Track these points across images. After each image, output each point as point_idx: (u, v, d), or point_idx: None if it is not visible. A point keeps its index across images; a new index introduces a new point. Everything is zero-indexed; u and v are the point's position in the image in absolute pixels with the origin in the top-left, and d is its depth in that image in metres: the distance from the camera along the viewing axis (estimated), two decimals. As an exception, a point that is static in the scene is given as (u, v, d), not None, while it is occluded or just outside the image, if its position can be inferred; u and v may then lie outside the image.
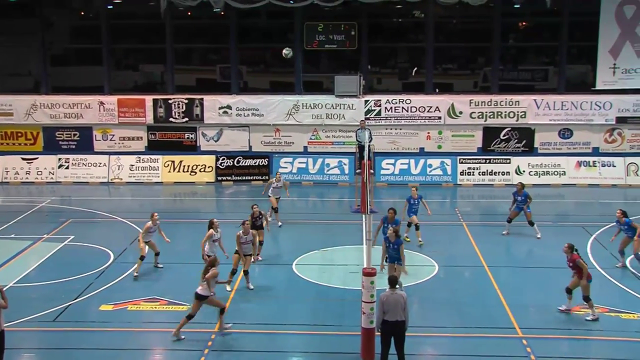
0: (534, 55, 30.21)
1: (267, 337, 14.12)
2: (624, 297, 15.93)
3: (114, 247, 19.14)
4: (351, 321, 14.33)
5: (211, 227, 17.08)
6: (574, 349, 13.81)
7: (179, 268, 18.10)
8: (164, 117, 28.44)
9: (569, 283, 15.08)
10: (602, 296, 15.62)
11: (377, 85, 29.69)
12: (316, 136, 28.28)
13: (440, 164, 27.67)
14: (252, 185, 27.76)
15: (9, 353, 12.42)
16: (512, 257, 18.92)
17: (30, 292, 16.29)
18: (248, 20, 29.03)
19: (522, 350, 13.39)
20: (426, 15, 28.49)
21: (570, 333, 14.20)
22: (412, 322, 14.56)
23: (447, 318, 14.97)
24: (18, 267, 18.09)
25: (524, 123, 27.74)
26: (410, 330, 13.83)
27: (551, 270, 17.69)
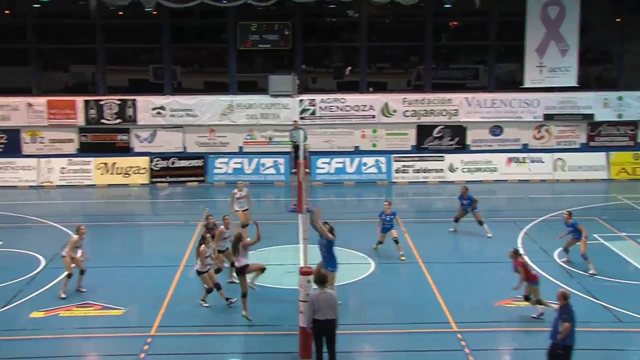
0: (465, 54, 30.83)
1: (204, 339, 14.01)
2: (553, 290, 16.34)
3: (45, 252, 18.65)
4: (289, 320, 14.36)
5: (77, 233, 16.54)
6: (506, 341, 14.16)
7: (112, 272, 17.77)
8: (95, 118, 27.89)
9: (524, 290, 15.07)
10: (532, 289, 16.05)
11: (312, 85, 29.80)
12: (251, 136, 28.21)
13: (375, 162, 27.94)
14: (187, 186, 27.48)
15: None
16: (447, 253, 19.22)
17: (-44, 301, 15.78)
18: (181, 20, 28.74)
19: (457, 344, 13.64)
20: (360, 15, 28.72)
21: (502, 326, 14.54)
22: (348, 319, 14.71)
23: (383, 315, 15.13)
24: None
25: (456, 121, 28.27)
26: (347, 328, 13.96)
27: (485, 265, 18.11)
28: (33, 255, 18.77)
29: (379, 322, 14.73)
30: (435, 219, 21.56)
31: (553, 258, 18.45)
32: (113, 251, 19.75)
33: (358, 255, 18.75)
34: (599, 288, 16.34)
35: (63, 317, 14.96)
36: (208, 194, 26.66)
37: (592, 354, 13.23)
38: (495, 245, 19.00)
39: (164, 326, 14.46)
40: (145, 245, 21.27)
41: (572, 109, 28.25)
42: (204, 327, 14.49)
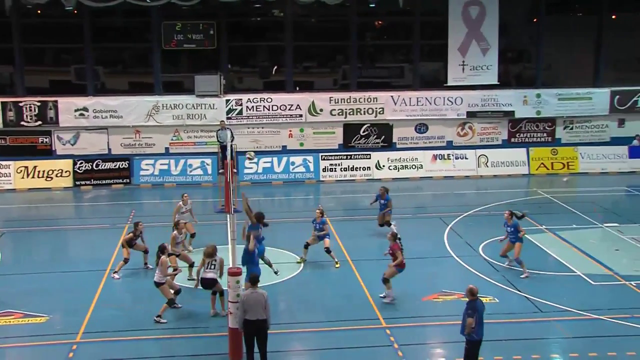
0: (390, 53, 31.23)
1: (131, 344, 13.79)
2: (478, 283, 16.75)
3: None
4: (218, 322, 14.30)
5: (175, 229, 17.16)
6: (434, 335, 14.44)
7: (35, 278, 17.29)
8: (14, 120, 27.04)
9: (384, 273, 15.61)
10: (457, 283, 16.43)
11: (238, 84, 29.67)
12: (177, 137, 27.88)
13: (303, 162, 28.01)
14: (112, 189, 26.94)
15: None
16: (375, 251, 19.42)
17: None
18: (103, 19, 28.15)
19: (386, 340, 13.86)
20: (285, 14, 28.75)
21: (430, 320, 14.84)
22: (279, 319, 14.74)
23: (313, 313, 15.23)
24: None
25: (382, 119, 28.63)
26: (277, 327, 13.98)
27: (411, 261, 18.28)
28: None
29: (309, 321, 14.81)
30: (363, 217, 21.75)
31: (478, 252, 18.91)
32: (35, 257, 19.21)
33: (287, 254, 18.78)
34: (521, 280, 16.83)
35: (-14, 326, 14.49)
36: (134, 196, 26.20)
37: (515, 344, 13.65)
38: (421, 242, 19.35)
39: (89, 332, 14.18)
40: (70, 250, 20.75)
41: (494, 106, 29.02)
42: (131, 331, 14.26)
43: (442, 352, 13.70)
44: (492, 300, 15.47)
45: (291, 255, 18.71)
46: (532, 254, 18.54)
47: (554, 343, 14.05)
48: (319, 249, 18.52)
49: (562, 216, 22.53)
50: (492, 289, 16.15)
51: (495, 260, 18.09)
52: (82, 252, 19.82)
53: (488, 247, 19.20)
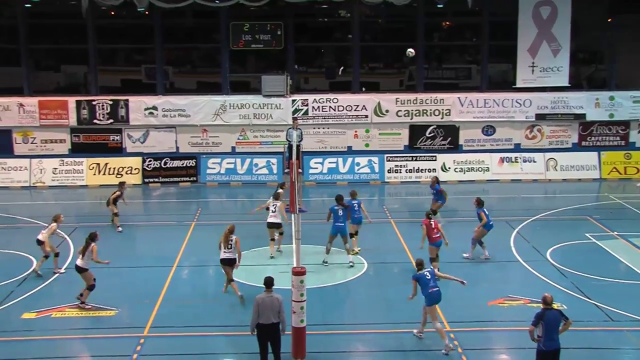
0: (457, 54, 30.89)
1: (197, 339, 13.99)
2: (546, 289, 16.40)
3: (37, 253, 18.53)
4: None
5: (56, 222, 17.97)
6: (499, 340, 14.18)
7: (105, 272, 17.70)
8: (87, 119, 27.81)
9: None
10: (524, 288, 16.13)
11: (304, 85, 29.82)
12: (244, 136, 28.18)
13: (368, 162, 27.95)
14: (180, 186, 27.44)
15: None
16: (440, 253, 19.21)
17: (-52, 302, 15.72)
18: (173, 20, 28.69)
19: (450, 344, 13.65)
20: (352, 15, 28.75)
21: (496, 325, 14.58)
22: (341, 319, 14.76)
23: (376, 314, 15.16)
24: None
25: (448, 121, 28.31)
26: (340, 328, 14.02)
27: (476, 265, 18.14)
28: (25, 257, 18.70)
29: (372, 322, 14.74)
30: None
31: (546, 257, 18.51)
32: (105, 252, 19.59)
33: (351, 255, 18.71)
34: (591, 287, 16.39)
35: (55, 318, 14.93)
36: (200, 194, 26.63)
37: (584, 353, 13.29)
38: (487, 245, 19.01)
39: (156, 327, 14.46)
40: (138, 246, 21.21)
41: (564, 109, 28.33)
42: (197, 327, 14.47)
43: (508, 358, 13.48)
44: (560, 307, 15.07)
45: (354, 256, 18.65)
46: (603, 261, 18.06)
47: (626, 354, 13.63)
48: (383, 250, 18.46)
49: (635, 222, 21.85)
50: (560, 296, 15.74)
51: (564, 266, 17.66)
52: (150, 248, 20.22)
53: (556, 252, 18.77)
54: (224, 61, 28.36)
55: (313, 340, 13.14)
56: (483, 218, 18.34)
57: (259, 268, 17.55)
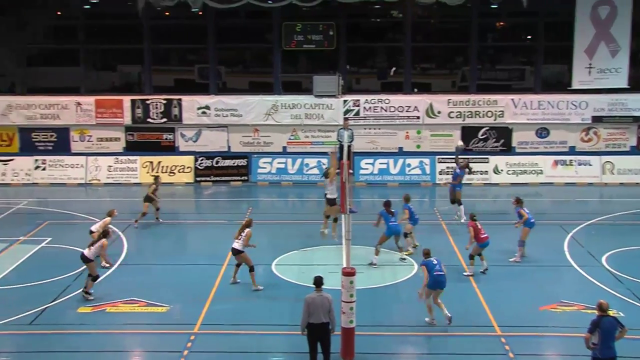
0: (511, 55, 30.46)
1: (246, 337, 14.08)
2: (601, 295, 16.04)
3: (92, 248, 18.91)
4: (331, 321, 14.37)
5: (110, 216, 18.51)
6: (551, 346, 13.93)
7: (157, 269, 18.02)
8: (142, 117, 28.28)
9: None
10: (578, 293, 15.81)
11: (356, 85, 29.77)
12: (295, 136, 28.28)
13: (419, 164, 27.78)
14: (231, 185, 27.69)
15: (-15, 356, 12.33)
16: (491, 255, 18.97)
17: (6, 295, 16.13)
18: (226, 20, 28.94)
19: (501, 348, 13.50)
20: (404, 15, 28.59)
21: (548, 330, 14.31)
22: (390, 321, 14.69)
23: (425, 316, 15.01)
24: (-6, 269, 17.91)
25: (501, 122, 27.94)
26: (389, 330, 13.95)
27: (528, 268, 17.86)
28: (81, 252, 19.04)
29: (422, 324, 14.62)
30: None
31: (601, 263, 18.11)
32: (158, 249, 20.00)
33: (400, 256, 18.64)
34: (649, 294, 15.99)
35: (109, 313, 15.22)
36: (251, 193, 26.83)
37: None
38: (540, 249, 18.72)
39: (207, 324, 14.62)
40: (190, 244, 21.48)
41: (622, 111, 27.64)
42: (247, 325, 14.57)
43: (560, 364, 13.22)
44: (617, 314, 14.73)
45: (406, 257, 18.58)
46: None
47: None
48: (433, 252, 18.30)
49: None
50: (616, 302, 15.34)
51: (620, 272, 17.25)
52: (201, 246, 20.44)
53: (612, 258, 18.34)
54: (276, 61, 28.51)
55: (362, 340, 13.10)
56: (524, 215, 18.19)
57: (309, 268, 17.60)
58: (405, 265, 17.98)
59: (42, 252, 19.30)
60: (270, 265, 18.15)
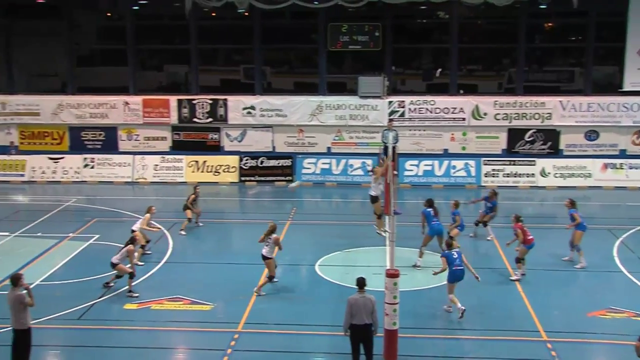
0: (560, 56, 29.96)
1: (289, 337, 14.13)
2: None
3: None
4: (374, 322, 14.31)
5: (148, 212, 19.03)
6: (599, 353, 13.66)
7: (202, 268, 18.18)
8: (188, 117, 28.58)
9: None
10: (628, 300, 15.47)
11: (401, 86, 29.61)
12: (340, 137, 28.26)
13: (464, 166, 27.53)
14: (275, 185, 27.81)
15: (36, 350, 12.56)
16: (537, 259, 18.68)
17: (55, 290, 16.45)
18: (272, 21, 29.06)
19: (547, 354, 13.29)
20: (451, 16, 28.35)
21: (596, 337, 14.02)
22: (435, 324, 14.56)
23: (471, 320, 14.86)
24: (44, 265, 18.28)
25: (549, 125, 27.50)
26: (435, 332, 13.84)
27: (576, 273, 17.55)
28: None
29: (466, 328, 14.48)
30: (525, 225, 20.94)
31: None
32: (202, 248, 20.18)
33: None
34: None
35: (154, 310, 15.41)
36: (295, 193, 26.84)
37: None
38: (588, 254, 18.34)
39: (250, 323, 14.69)
40: (234, 243, 21.63)
41: (676, 114, 27.01)
42: (290, 325, 14.61)
43: (609, 372, 12.96)
44: (668, 321, 14.41)
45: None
46: None
47: None
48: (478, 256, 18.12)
49: None
50: (668, 310, 15.04)
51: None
52: (245, 245, 20.47)
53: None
54: (321, 62, 28.54)
55: (405, 343, 13.01)
56: (576, 218, 17.89)
57: (352, 269, 17.57)
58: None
59: (90, 249, 19.64)
60: (313, 265, 18.17)
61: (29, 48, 29.67)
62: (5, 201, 25.83)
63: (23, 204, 26.04)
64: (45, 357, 13.39)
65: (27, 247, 19.66)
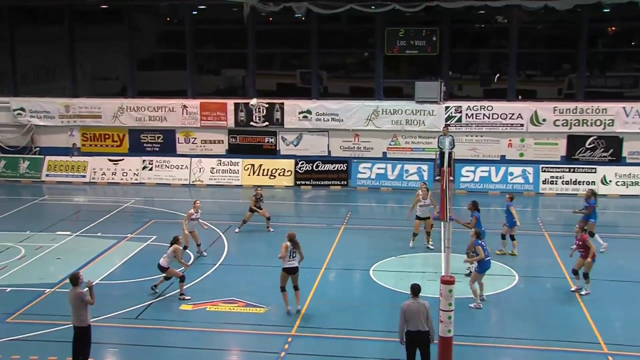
0: (623, 61, 29.22)
1: (343, 342, 14.11)
2: None
3: (194, 248, 19.46)
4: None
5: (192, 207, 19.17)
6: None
7: (257, 270, 18.29)
8: (244, 121, 28.85)
9: (574, 265, 16.32)
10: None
11: (458, 92, 29.30)
12: (395, 142, 28.12)
13: (522, 172, 27.07)
14: (330, 190, 27.83)
15: (95, 347, 12.84)
16: (598, 270, 18.24)
17: (114, 290, 16.79)
18: (329, 26, 29.13)
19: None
20: (509, 21, 27.96)
21: (659, 351, 13.64)
22: (490, 332, 14.36)
23: (527, 329, 14.62)
24: (103, 265, 18.67)
25: (611, 131, 26.84)
26: (488, 341, 13.64)
27: (636, 285, 17.08)
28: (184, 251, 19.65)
29: (522, 337, 14.24)
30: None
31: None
32: (259, 251, 20.30)
33: (502, 267, 18.23)
34: None
35: (209, 312, 15.57)
36: (350, 198, 26.85)
37: None
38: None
39: (304, 327, 14.72)
40: (288, 247, 21.67)
41: None
42: (344, 330, 14.58)
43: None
44: None
45: (505, 268, 18.15)
46: None
47: None
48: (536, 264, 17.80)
49: None
50: None
51: None
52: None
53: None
54: (377, 66, 28.47)
55: (460, 351, 12.85)
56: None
57: (407, 274, 17.47)
58: (505, 276, 17.53)
59: (148, 250, 19.97)
60: (368, 270, 18.10)
61: (91, 52, 30.47)
62: (67, 201, 26.49)
63: (84, 204, 26.65)
64: (104, 354, 13.66)
65: (88, 247, 20.13)
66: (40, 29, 30.97)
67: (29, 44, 30.46)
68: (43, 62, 31.57)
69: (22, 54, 30.57)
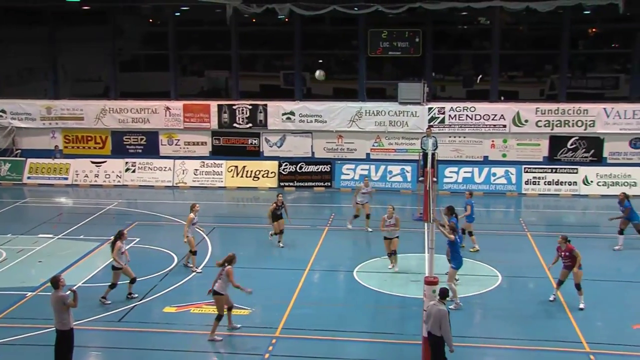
0: (604, 62, 29.47)
1: (327, 343, 14.11)
2: None
3: (178, 250, 19.39)
4: (412, 329, 14.21)
5: (192, 211, 18.31)
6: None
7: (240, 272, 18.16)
8: (228, 122, 28.79)
9: (560, 275, 15.78)
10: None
11: (441, 93, 29.42)
12: (379, 143, 28.17)
13: (505, 173, 27.22)
14: (314, 191, 27.83)
15: (77, 350, 12.73)
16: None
17: (97, 293, 16.64)
18: (312, 27, 29.15)
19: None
20: (492, 22, 28.12)
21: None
22: (473, 332, 14.42)
23: (510, 329, 14.70)
24: (86, 267, 18.56)
25: (592, 132, 27.06)
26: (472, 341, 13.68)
27: (622, 284, 17.23)
28: (167, 253, 19.60)
29: (505, 337, 14.30)
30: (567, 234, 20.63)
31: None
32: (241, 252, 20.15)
33: (485, 267, 18.32)
34: None
35: (193, 314, 15.52)
36: (334, 199, 26.86)
37: None
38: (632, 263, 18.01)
39: (288, 328, 14.69)
40: (272, 248, 21.60)
41: None
42: (328, 331, 14.58)
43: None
44: None
45: (487, 268, 18.23)
46: None
47: None
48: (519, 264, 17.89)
49: None
50: None
51: None
52: (284, 251, 20.53)
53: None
54: (360, 68, 28.52)
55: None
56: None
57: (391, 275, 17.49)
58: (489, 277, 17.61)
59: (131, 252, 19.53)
60: (352, 271, 18.12)
61: (73, 54, 30.26)
62: (49, 204, 26.30)
63: (66, 207, 26.48)
64: (86, 357, 13.58)
65: (70, 250, 20.00)
66: (22, 30, 30.74)
67: (10, 44, 30.23)
68: (24, 64, 31.33)
69: (3, 55, 30.34)
